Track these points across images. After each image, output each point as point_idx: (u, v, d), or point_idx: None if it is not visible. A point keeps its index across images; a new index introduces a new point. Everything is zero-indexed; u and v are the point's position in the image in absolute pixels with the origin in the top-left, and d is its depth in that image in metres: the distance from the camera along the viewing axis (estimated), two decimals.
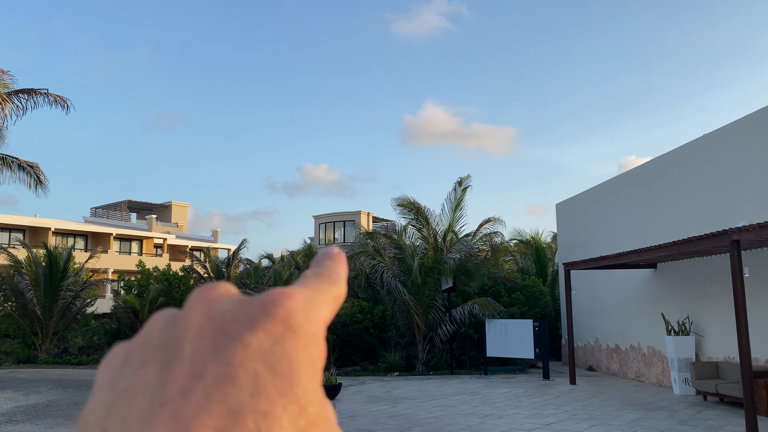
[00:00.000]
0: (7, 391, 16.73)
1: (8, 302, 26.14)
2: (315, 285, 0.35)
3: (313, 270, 0.37)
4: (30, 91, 17.93)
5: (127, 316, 26.20)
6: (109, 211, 55.38)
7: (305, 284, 0.34)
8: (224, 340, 0.30)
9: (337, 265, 0.38)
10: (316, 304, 0.33)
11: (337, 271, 0.37)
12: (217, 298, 0.32)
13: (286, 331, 0.30)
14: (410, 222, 22.51)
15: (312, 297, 0.33)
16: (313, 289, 0.34)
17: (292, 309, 0.31)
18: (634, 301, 18.44)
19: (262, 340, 0.29)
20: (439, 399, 14.98)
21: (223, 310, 0.31)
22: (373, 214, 48.40)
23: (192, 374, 0.29)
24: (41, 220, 43.12)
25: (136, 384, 0.30)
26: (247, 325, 0.30)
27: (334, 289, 0.35)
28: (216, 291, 0.33)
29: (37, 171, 19.07)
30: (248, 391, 0.28)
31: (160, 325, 0.33)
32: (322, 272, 0.36)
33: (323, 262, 0.38)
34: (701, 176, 15.39)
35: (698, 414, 12.57)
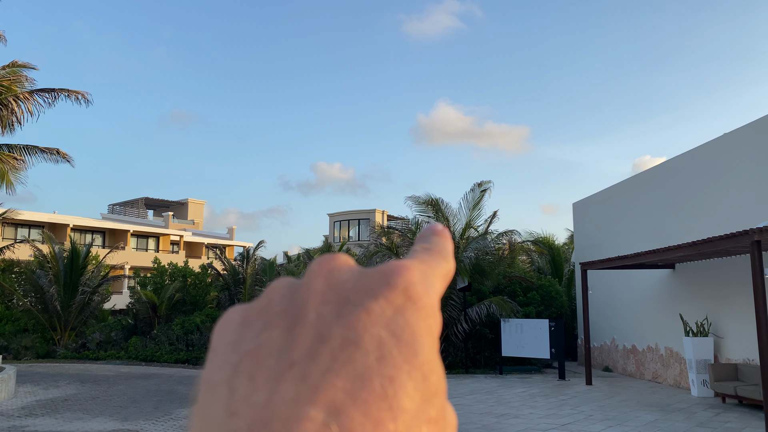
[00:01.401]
0: (26, 385, 16.96)
1: (27, 297, 26.49)
2: (427, 259, 0.35)
3: (422, 245, 0.37)
4: (51, 90, 18.15)
5: (144, 312, 26.43)
6: (127, 208, 55.92)
7: (418, 258, 0.35)
8: (347, 306, 0.30)
9: (444, 240, 0.38)
10: (430, 278, 0.33)
11: (446, 246, 0.38)
12: (336, 269, 0.33)
13: (407, 301, 0.31)
14: (428, 219, 22.48)
15: (426, 270, 0.33)
16: (426, 263, 0.34)
17: (411, 280, 0.31)
18: (651, 301, 18.25)
19: (384, 308, 0.30)
20: (454, 398, 14.94)
21: (345, 279, 0.32)
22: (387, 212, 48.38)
23: (318, 338, 0.29)
24: (60, 216, 43.64)
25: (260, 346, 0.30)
26: (370, 294, 0.31)
27: (444, 264, 0.36)
28: (335, 261, 0.34)
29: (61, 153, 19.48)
30: (374, 356, 0.29)
31: (282, 291, 0.33)
32: (431, 248, 0.37)
33: (430, 238, 0.38)
34: (720, 176, 15.18)
35: (717, 416, 12.41)
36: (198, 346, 23.88)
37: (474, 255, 20.61)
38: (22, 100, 17.46)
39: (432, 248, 0.37)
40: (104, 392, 16.06)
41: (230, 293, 26.17)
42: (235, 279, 26.22)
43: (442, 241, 0.38)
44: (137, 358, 24.29)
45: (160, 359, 23.82)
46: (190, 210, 59.41)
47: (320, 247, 30.92)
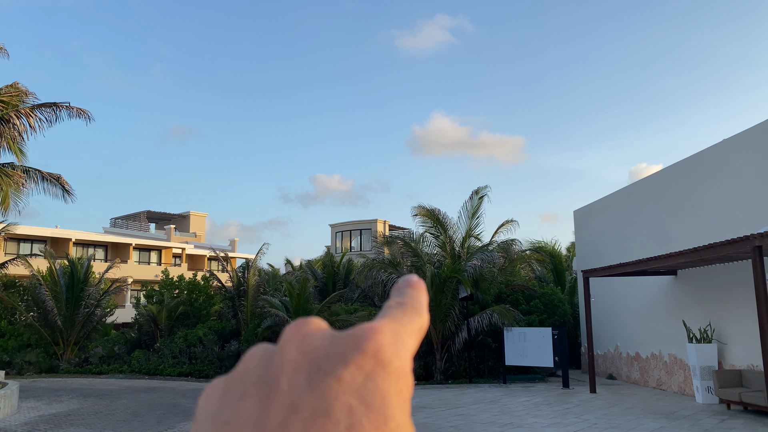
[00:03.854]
0: (29, 401, 16.93)
1: (30, 312, 26.50)
2: (399, 316, 0.35)
3: (396, 300, 0.37)
4: (52, 105, 18.23)
5: (147, 325, 26.42)
6: (129, 222, 56.00)
7: (390, 316, 0.35)
8: (319, 374, 0.31)
9: (418, 293, 0.39)
10: (402, 336, 0.34)
11: (419, 299, 0.38)
12: (309, 334, 0.33)
13: (377, 365, 0.31)
14: (428, 230, 22.51)
15: (398, 330, 0.34)
16: (398, 322, 0.35)
17: (381, 344, 0.32)
18: (654, 308, 18.22)
19: (354, 375, 0.30)
20: (458, 408, 14.90)
21: (316, 346, 0.32)
22: (389, 222, 48.40)
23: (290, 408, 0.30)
24: (62, 231, 43.70)
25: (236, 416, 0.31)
26: (340, 360, 0.31)
27: (417, 319, 0.36)
28: (308, 327, 0.34)
29: (62, 181, 19.34)
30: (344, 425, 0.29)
31: (257, 360, 0.34)
32: (405, 302, 0.37)
33: (404, 291, 0.39)
34: (721, 181, 15.21)
35: (722, 423, 12.36)
36: (201, 359, 23.83)
37: (476, 264, 20.60)
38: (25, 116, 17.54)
39: (405, 303, 0.37)
40: (107, 406, 16.02)
41: (233, 305, 26.15)
42: (237, 291, 26.21)
43: (417, 294, 0.38)
44: (140, 371, 24.25)
45: (163, 372, 23.78)
46: (192, 223, 59.46)
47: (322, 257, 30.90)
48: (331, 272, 28.35)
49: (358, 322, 21.37)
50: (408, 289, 0.39)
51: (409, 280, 0.40)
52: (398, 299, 0.38)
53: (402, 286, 0.40)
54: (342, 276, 28.37)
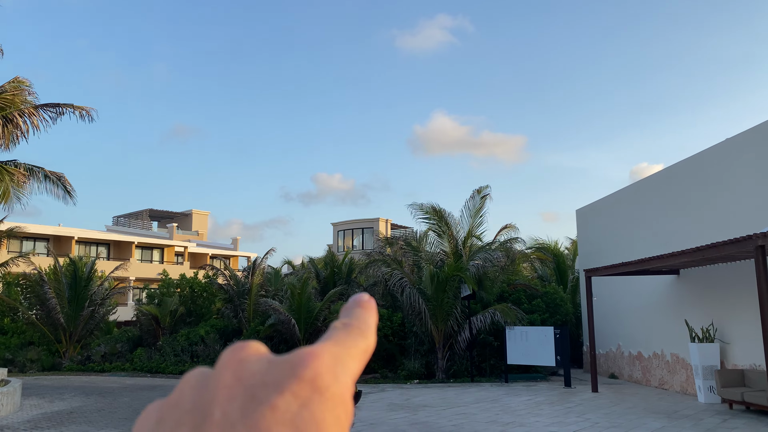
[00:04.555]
0: (32, 398, 16.97)
1: (33, 310, 26.55)
2: (343, 339, 0.34)
3: (342, 321, 0.37)
4: (56, 105, 18.25)
5: (149, 324, 26.46)
6: (131, 220, 56.06)
7: (333, 339, 0.34)
8: (252, 403, 0.30)
9: (366, 313, 0.38)
10: (344, 360, 0.33)
11: (366, 320, 0.37)
12: (247, 359, 0.33)
13: (314, 393, 0.30)
14: (431, 228, 22.52)
15: (340, 353, 0.33)
16: (341, 345, 0.34)
17: (318, 370, 0.31)
18: (656, 307, 18.20)
19: (289, 403, 0.29)
20: (459, 407, 14.90)
21: (253, 372, 0.31)
22: (391, 221, 48.40)
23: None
24: (65, 229, 43.78)
25: None
26: (276, 388, 0.30)
27: (362, 341, 0.35)
28: (246, 351, 0.33)
29: (64, 181, 19.33)
30: None
31: (193, 384, 0.33)
32: (351, 323, 0.36)
33: (352, 311, 0.38)
34: (724, 181, 15.18)
35: (724, 422, 12.35)
36: (203, 357, 23.87)
37: (478, 264, 20.59)
38: (28, 116, 17.57)
39: (351, 324, 0.36)
40: (109, 404, 16.06)
41: (234, 305, 26.18)
42: (239, 290, 26.23)
43: (364, 315, 0.37)
44: (142, 369, 24.29)
45: (165, 371, 23.82)
46: (194, 221, 59.52)
47: (324, 256, 30.90)
48: (333, 271, 28.36)
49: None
50: (356, 309, 0.38)
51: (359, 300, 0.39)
52: (345, 320, 0.37)
53: (350, 306, 0.39)
54: (344, 275, 28.38)
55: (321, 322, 21.82)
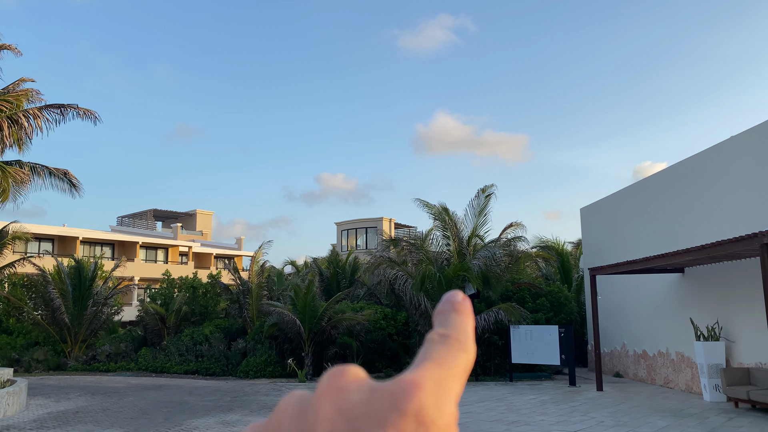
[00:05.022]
0: (37, 398, 17.03)
1: (38, 311, 26.64)
2: (443, 357, 0.33)
3: (439, 332, 0.35)
4: (60, 106, 18.31)
5: (154, 324, 26.51)
6: (135, 220, 56.18)
7: (434, 359, 0.33)
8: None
9: (463, 320, 0.36)
10: (447, 385, 0.31)
11: (465, 330, 0.35)
12: (346, 387, 0.31)
13: (418, 427, 0.29)
14: (436, 227, 22.53)
15: (442, 378, 0.31)
16: (442, 366, 0.32)
17: (422, 404, 0.29)
18: (661, 306, 18.15)
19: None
20: (464, 406, 14.89)
21: (353, 403, 0.30)
22: (395, 220, 48.40)
23: None
24: (69, 229, 43.89)
25: None
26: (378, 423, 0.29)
27: (463, 357, 0.34)
28: (344, 378, 0.32)
29: (69, 176, 19.41)
30: None
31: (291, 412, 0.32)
32: (449, 335, 0.35)
33: (448, 318, 0.36)
34: (729, 179, 15.12)
35: (730, 421, 12.31)
36: (207, 356, 23.91)
37: (482, 263, 20.57)
38: (33, 117, 17.62)
39: (450, 336, 0.34)
40: (115, 404, 16.10)
41: (239, 304, 26.21)
42: (243, 289, 26.26)
43: (462, 323, 0.36)
44: (147, 369, 24.35)
45: (170, 370, 23.87)
46: (199, 221, 59.61)
47: (327, 256, 30.90)
48: (336, 271, 28.37)
49: (364, 320, 21.39)
50: (452, 316, 0.36)
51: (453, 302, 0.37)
52: (441, 330, 0.35)
53: (445, 309, 0.37)
54: (348, 274, 28.38)
55: (326, 321, 21.83)
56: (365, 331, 21.90)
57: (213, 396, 17.62)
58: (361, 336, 21.84)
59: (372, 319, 21.95)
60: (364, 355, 21.69)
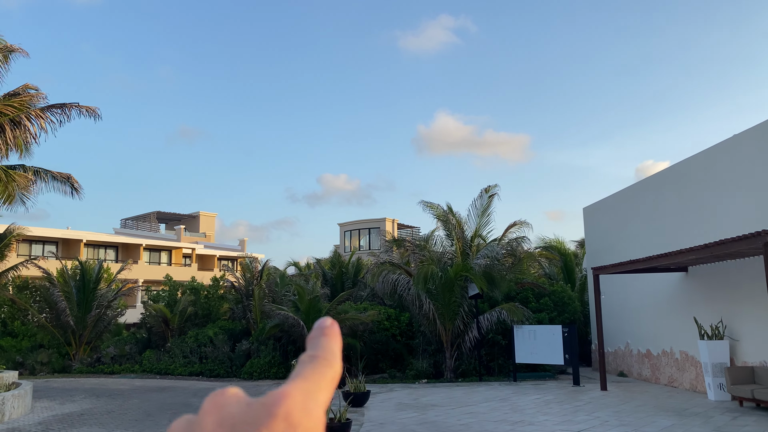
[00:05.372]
0: (42, 400, 17.08)
1: (42, 313, 26.72)
2: (310, 373, 0.39)
3: (309, 354, 0.41)
4: (62, 105, 18.36)
5: (158, 326, 26.55)
6: (139, 222, 56.30)
7: (302, 375, 0.38)
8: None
9: (330, 342, 0.42)
10: (314, 394, 0.37)
11: (331, 349, 0.42)
12: (226, 403, 0.37)
13: (288, 427, 0.34)
14: (439, 228, 22.55)
15: (309, 388, 0.37)
16: (309, 380, 0.38)
17: (291, 408, 0.35)
18: (665, 305, 18.13)
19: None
20: (468, 406, 14.89)
21: (232, 414, 0.36)
22: (397, 220, 48.41)
23: None
24: (73, 232, 43.99)
25: None
26: (253, 425, 0.34)
27: (329, 371, 0.40)
28: (224, 396, 0.37)
29: (71, 180, 19.51)
30: None
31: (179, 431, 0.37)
32: (317, 355, 0.41)
33: (318, 341, 0.42)
34: (732, 177, 15.11)
35: (734, 420, 12.29)
36: (211, 358, 23.95)
37: (485, 263, 20.57)
38: (35, 118, 17.68)
39: (317, 356, 0.41)
40: (119, 406, 16.14)
41: (243, 306, 26.26)
42: (246, 291, 26.30)
43: (329, 343, 0.42)
44: (152, 371, 24.40)
45: (175, 372, 23.92)
46: (202, 223, 59.69)
47: (330, 257, 30.94)
48: (340, 271, 28.38)
49: (367, 320, 21.41)
50: (321, 339, 0.42)
51: (322, 327, 0.43)
52: (311, 352, 0.41)
53: (315, 335, 0.43)
54: (351, 275, 28.40)
55: None
56: (369, 331, 21.92)
57: None
58: (365, 337, 21.85)
59: (375, 320, 21.97)
60: (368, 356, 21.70)
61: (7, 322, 26.84)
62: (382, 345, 22.13)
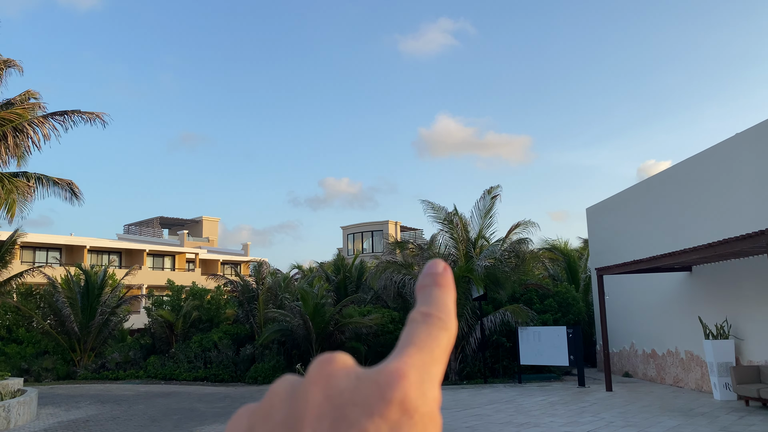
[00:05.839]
0: (48, 407, 17.09)
1: (47, 320, 26.75)
2: (425, 339, 0.34)
3: (421, 311, 0.36)
4: (64, 113, 18.40)
5: (162, 331, 26.57)
6: (142, 228, 56.36)
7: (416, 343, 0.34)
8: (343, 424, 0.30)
9: (445, 295, 0.37)
10: (430, 369, 0.33)
11: (447, 305, 0.36)
12: (334, 374, 0.33)
13: (403, 415, 0.30)
14: (443, 230, 22.52)
15: (425, 363, 0.33)
16: (424, 350, 0.33)
17: (407, 392, 0.31)
18: (669, 305, 18.09)
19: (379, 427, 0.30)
20: (473, 408, 14.87)
21: (341, 389, 0.32)
22: (400, 223, 48.39)
23: None
24: (77, 238, 44.07)
25: None
26: (365, 411, 0.30)
27: (445, 336, 0.35)
28: (333, 365, 0.33)
29: (72, 186, 19.58)
30: None
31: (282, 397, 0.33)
32: (431, 314, 0.35)
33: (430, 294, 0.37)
34: (734, 176, 15.08)
35: (741, 419, 12.25)
36: (216, 363, 23.94)
37: (488, 264, 20.54)
38: (38, 125, 17.72)
39: (431, 315, 0.35)
40: (125, 412, 16.15)
41: (245, 310, 26.26)
42: (248, 296, 26.30)
43: (444, 297, 0.37)
44: (156, 376, 24.41)
45: (179, 377, 23.92)
46: (205, 227, 59.75)
47: (334, 260, 30.92)
48: (344, 274, 28.38)
49: (371, 323, 21.39)
50: (434, 291, 0.37)
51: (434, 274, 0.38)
52: (424, 309, 0.36)
53: (427, 284, 0.37)
54: (354, 278, 28.39)
55: (333, 326, 21.85)
56: (373, 334, 21.90)
57: (222, 402, 17.65)
58: (369, 340, 21.84)
59: (379, 323, 21.95)
60: (372, 359, 21.68)
61: (12, 329, 26.87)
62: (387, 348, 22.11)
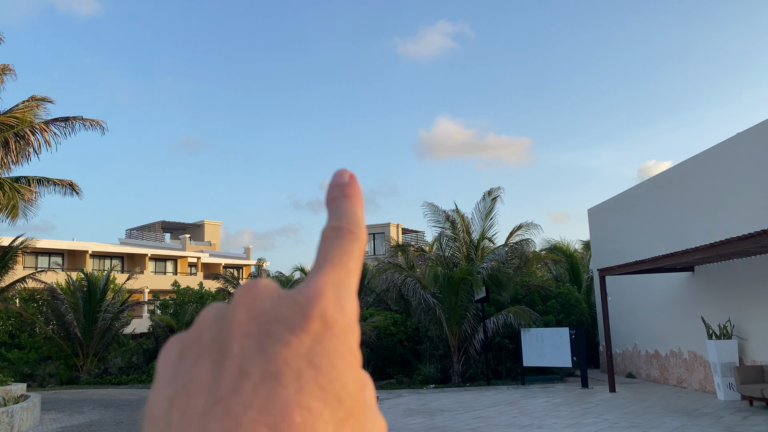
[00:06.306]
0: (51, 412, 17.10)
1: (49, 325, 26.77)
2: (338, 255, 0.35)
3: (331, 226, 0.37)
4: (66, 119, 18.46)
5: (164, 335, 26.59)
6: (144, 232, 56.41)
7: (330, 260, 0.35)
8: (268, 339, 0.32)
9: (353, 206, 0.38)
10: (346, 284, 0.34)
11: (356, 215, 0.37)
12: (258, 297, 0.34)
13: (324, 327, 0.32)
14: (444, 232, 22.53)
15: (340, 279, 0.34)
16: (338, 265, 0.35)
17: (325, 308, 0.32)
18: (672, 305, 18.06)
19: (302, 340, 0.32)
20: (476, 410, 14.85)
21: (265, 308, 0.33)
22: (402, 225, 48.40)
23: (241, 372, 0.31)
24: (79, 243, 44.12)
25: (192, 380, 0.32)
26: (288, 326, 0.32)
27: (356, 247, 0.36)
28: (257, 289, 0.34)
29: (73, 185, 19.70)
30: (293, 388, 0.30)
31: (210, 321, 0.35)
32: (341, 227, 0.36)
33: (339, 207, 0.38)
34: (736, 176, 15.06)
35: (744, 420, 12.22)
36: None
37: (491, 266, 20.53)
38: (39, 131, 17.76)
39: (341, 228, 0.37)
40: (128, 417, 16.15)
41: None
42: None
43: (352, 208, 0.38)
44: None
45: None
46: (207, 231, 59.79)
47: None
48: None
49: (374, 325, 21.40)
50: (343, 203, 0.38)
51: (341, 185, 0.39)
52: (334, 223, 0.37)
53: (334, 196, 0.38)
54: None
55: None
56: (375, 337, 21.89)
57: None
58: (372, 343, 21.82)
59: (382, 326, 21.94)
60: (375, 362, 21.66)
61: (14, 334, 26.91)
62: (389, 351, 22.10)
